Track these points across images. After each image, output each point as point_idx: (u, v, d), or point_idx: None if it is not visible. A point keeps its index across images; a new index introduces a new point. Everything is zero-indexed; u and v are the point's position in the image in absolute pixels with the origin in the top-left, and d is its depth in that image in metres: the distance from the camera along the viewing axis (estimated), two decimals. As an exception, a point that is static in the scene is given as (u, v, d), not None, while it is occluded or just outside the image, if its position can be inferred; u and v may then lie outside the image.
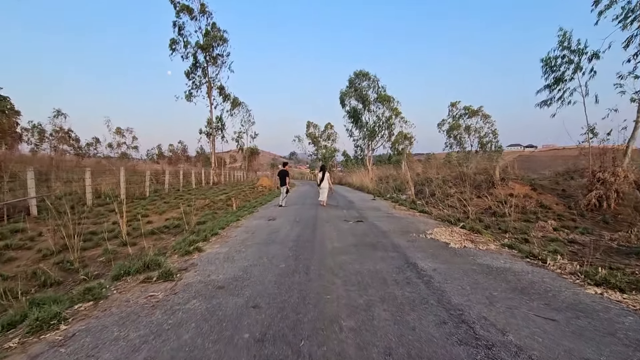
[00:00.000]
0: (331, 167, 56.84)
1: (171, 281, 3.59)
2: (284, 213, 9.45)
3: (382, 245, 5.21)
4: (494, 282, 3.50)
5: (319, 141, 58.05)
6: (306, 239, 5.63)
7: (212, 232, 6.35)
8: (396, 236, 5.92)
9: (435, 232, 6.31)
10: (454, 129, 54.63)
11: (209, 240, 5.75)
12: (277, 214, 9.37)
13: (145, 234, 7.13)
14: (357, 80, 33.06)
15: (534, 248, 5.14)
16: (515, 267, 4.14)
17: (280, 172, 12.73)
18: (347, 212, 9.60)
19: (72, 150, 39.18)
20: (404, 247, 5.04)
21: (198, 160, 56.00)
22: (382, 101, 31.57)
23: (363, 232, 6.34)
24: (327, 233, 6.21)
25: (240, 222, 7.92)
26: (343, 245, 5.21)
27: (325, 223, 7.42)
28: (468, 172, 13.62)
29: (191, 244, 5.30)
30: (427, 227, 6.91)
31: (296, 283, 3.40)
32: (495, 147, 53.78)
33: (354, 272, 3.76)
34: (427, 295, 3.09)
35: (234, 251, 4.92)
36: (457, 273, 3.80)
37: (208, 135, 25.70)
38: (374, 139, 33.48)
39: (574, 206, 10.31)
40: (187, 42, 24.07)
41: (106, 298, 3.20)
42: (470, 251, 4.93)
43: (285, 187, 12.29)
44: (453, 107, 56.57)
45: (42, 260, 5.28)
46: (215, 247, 5.26)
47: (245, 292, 3.16)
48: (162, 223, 8.81)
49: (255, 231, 6.57)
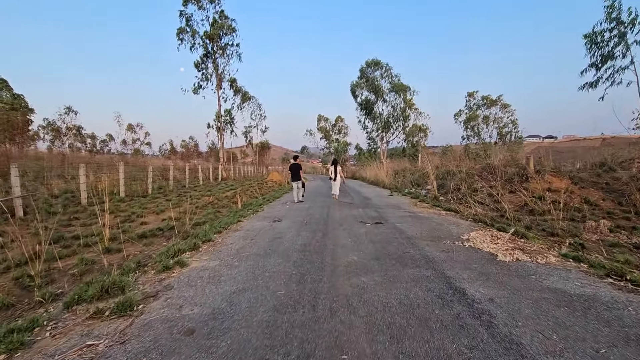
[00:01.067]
0: (343, 160, 55.66)
1: (128, 317, 2.63)
2: (292, 213, 8.44)
3: (411, 257, 4.11)
4: (587, 324, 2.37)
5: (330, 135, 56.86)
6: (315, 249, 4.59)
7: (205, 237, 5.40)
8: (426, 244, 4.81)
9: (473, 238, 5.16)
10: (472, 119, 52.22)
11: (199, 249, 4.79)
12: (284, 213, 8.38)
13: (135, 238, 6.27)
14: (368, 70, 31.53)
15: (600, 257, 3.94)
16: (601, 293, 2.98)
17: (292, 166, 11.79)
18: (363, 210, 8.50)
19: (84, 146, 39.37)
20: (439, 261, 3.93)
21: (210, 155, 55.76)
22: (398, 91, 30.00)
23: (384, 237, 5.25)
24: (341, 239, 5.14)
25: (242, 224, 6.96)
26: (361, 258, 4.14)
27: (339, 226, 6.35)
28: (497, 164, 12.26)
29: (175, 255, 4.35)
30: (460, 230, 5.76)
31: (297, 326, 2.36)
32: (516, 138, 51.27)
33: (380, 306, 2.69)
34: (498, 356, 2.00)
35: (224, 266, 3.93)
36: (525, 306, 2.68)
37: (217, 130, 24.89)
38: (389, 131, 32.00)
39: (627, 202, 8.90)
40: (195, 30, 23.18)
41: (30, 347, 2.26)
42: (528, 266, 3.78)
43: (299, 182, 11.53)
44: (470, 97, 54.02)
45: (3, 274, 4.45)
46: (203, 259, 4.29)
47: (221, 344, 2.15)
48: (158, 224, 7.96)
49: (255, 236, 5.58)
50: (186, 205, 11.36)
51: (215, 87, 23.67)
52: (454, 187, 12.35)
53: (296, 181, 11.79)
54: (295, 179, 11.76)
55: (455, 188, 12.36)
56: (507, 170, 11.96)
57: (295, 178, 11.76)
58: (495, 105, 51.97)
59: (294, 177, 11.77)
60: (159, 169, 21.23)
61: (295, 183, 11.84)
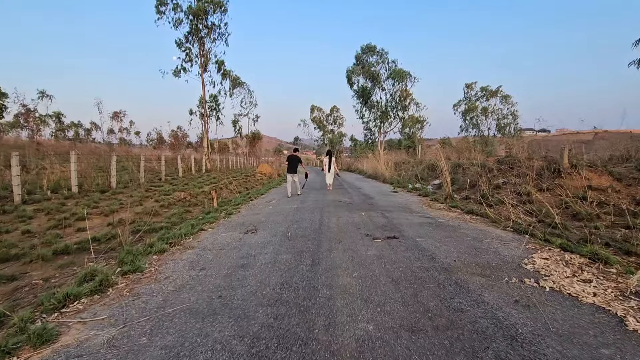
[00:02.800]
0: (339, 152, 53.64)
1: None
2: (274, 218, 6.52)
3: (473, 328, 2.21)
4: None
5: (325, 125, 54.65)
6: (297, 299, 2.65)
7: (133, 265, 3.46)
8: (480, 284, 2.94)
9: (544, 269, 3.33)
10: (471, 110, 50.40)
11: (105, 293, 2.87)
12: (264, 218, 6.46)
13: (50, 256, 4.37)
14: (364, 56, 29.30)
15: None
16: None
17: (290, 157, 10.41)
18: (366, 215, 6.60)
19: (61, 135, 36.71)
20: (527, 338, 2.07)
21: (200, 145, 53.15)
22: (396, 77, 27.93)
23: (408, 269, 3.35)
24: (341, 275, 3.20)
25: (201, 236, 5.04)
26: (382, 326, 2.20)
27: (336, 243, 4.43)
28: (520, 156, 10.48)
29: (54, 309, 2.45)
30: (512, 252, 3.93)
31: None
32: (515, 130, 49.86)
33: None
34: None
35: (123, 347, 2.02)
36: None
37: (201, 117, 22.58)
38: (386, 121, 30.01)
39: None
40: (177, 4, 20.68)
41: None
42: None
43: (295, 175, 10.31)
44: (468, 88, 52.03)
45: None
46: (95, 320, 2.37)
47: None
48: (100, 230, 6.02)
49: (210, 262, 3.66)
50: (150, 204, 9.38)
51: (199, 70, 21.30)
52: (470, 184, 10.56)
53: (292, 174, 10.11)
54: (291, 171, 10.18)
55: (471, 184, 10.57)
56: (532, 163, 10.19)
57: (291, 170, 10.18)
58: (495, 96, 50.27)
59: (290, 168, 10.22)
60: (136, 159, 19.02)
61: (291, 176, 10.16)
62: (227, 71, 22.45)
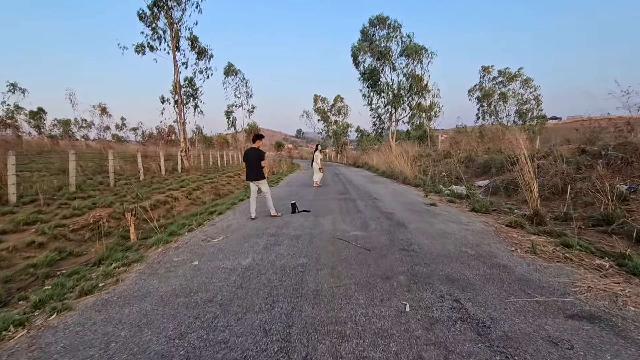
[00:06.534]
0: (344, 144, 49.50)
1: None
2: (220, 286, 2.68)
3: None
4: None
5: (328, 116, 50.48)
6: None
7: None
8: None
9: None
10: (489, 95, 45.51)
11: None
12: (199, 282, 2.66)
13: None
14: (372, 31, 24.95)
15: None
16: None
17: (247, 152, 6.24)
18: (418, 314, 2.73)
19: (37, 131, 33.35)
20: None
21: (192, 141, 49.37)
22: (410, 54, 23.62)
23: None
24: None
25: None
26: None
27: None
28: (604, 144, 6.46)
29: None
30: None
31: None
32: (538, 117, 44.99)
33: None
34: None
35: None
36: None
37: (175, 104, 18.73)
38: (399, 107, 25.76)
39: None
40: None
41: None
42: None
43: (260, 183, 6.25)
44: (485, 71, 46.94)
45: None
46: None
47: None
48: None
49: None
50: (23, 237, 5.49)
51: (170, 47, 17.35)
52: (551, 188, 6.59)
53: (254, 180, 6.15)
54: (251, 176, 6.16)
55: (553, 190, 6.60)
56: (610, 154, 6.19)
57: (251, 175, 6.16)
58: (514, 80, 45.26)
59: (250, 173, 6.17)
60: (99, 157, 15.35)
61: (253, 184, 6.22)
62: (202, 48, 18.35)
